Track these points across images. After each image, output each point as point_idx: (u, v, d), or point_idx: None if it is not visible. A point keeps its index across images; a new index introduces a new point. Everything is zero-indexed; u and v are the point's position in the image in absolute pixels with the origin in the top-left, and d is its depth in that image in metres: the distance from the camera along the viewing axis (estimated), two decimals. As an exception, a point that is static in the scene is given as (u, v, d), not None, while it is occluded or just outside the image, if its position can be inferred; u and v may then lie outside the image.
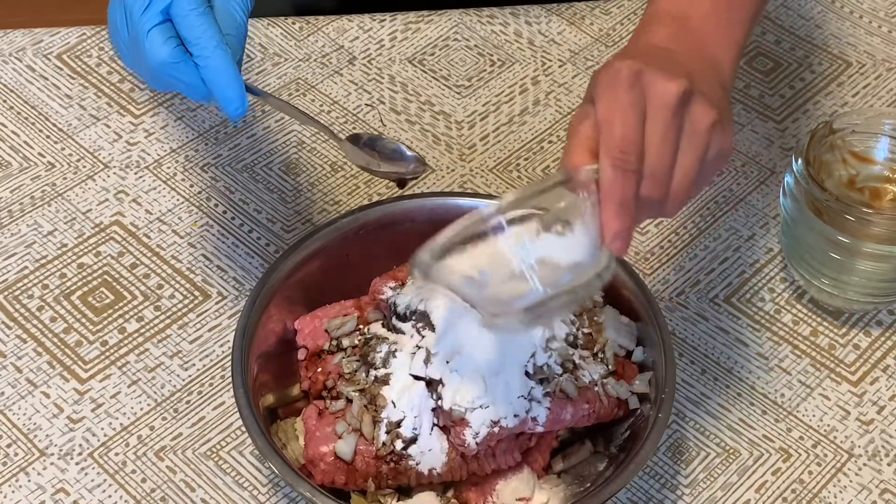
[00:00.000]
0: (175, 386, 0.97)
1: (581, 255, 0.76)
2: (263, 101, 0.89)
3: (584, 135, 0.76)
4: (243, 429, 0.91)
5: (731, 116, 0.81)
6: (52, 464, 0.92)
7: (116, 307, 1.02)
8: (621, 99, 0.76)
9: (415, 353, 0.86)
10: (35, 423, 0.94)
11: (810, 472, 0.93)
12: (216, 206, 1.09)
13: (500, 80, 1.21)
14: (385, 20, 1.26)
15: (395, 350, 0.87)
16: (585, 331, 0.89)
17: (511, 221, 0.76)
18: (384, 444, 0.84)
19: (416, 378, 0.85)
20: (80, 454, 0.93)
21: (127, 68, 0.86)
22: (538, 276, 0.75)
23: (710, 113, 0.76)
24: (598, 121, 0.76)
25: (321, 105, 1.17)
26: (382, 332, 0.89)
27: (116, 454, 0.93)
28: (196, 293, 1.03)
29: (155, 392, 0.96)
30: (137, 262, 1.05)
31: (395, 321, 0.89)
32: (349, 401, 0.86)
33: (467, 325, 0.84)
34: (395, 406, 0.84)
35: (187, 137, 1.14)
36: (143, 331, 1.00)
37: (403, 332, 0.87)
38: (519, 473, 0.87)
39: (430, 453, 0.84)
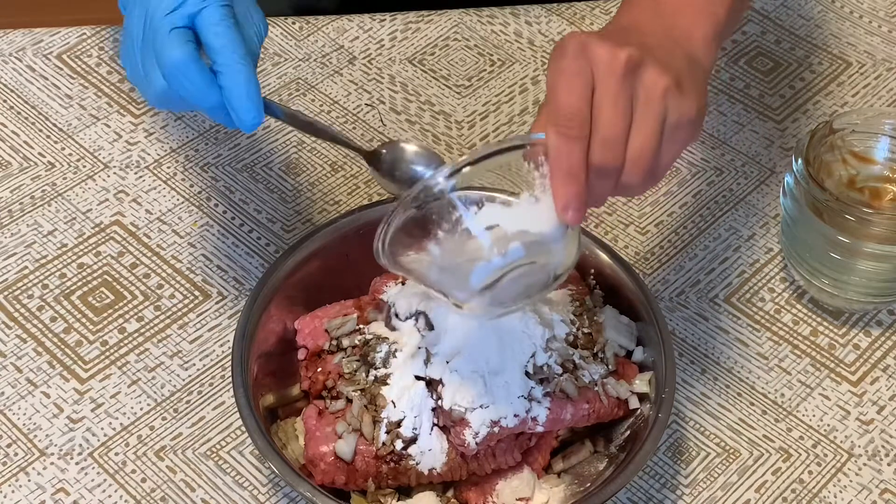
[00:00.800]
0: (175, 386, 0.97)
1: (536, 228, 0.76)
2: (284, 121, 0.86)
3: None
4: (243, 429, 0.91)
5: (699, 87, 0.79)
6: (52, 464, 0.92)
7: (116, 307, 1.02)
8: (565, 68, 0.75)
9: (415, 354, 0.86)
10: (35, 423, 0.94)
11: (810, 472, 0.93)
12: (216, 206, 1.09)
13: (500, 80, 1.21)
14: (385, 20, 1.26)
15: (395, 350, 0.87)
16: (585, 331, 0.89)
17: (462, 188, 0.76)
18: (384, 444, 0.84)
19: (417, 378, 0.85)
20: (80, 454, 0.93)
21: (132, 83, 0.84)
22: (491, 246, 0.75)
23: (663, 77, 0.75)
24: (547, 92, 0.76)
25: (321, 105, 1.17)
26: (382, 332, 0.89)
27: (116, 454, 0.93)
28: (196, 293, 1.03)
29: (155, 392, 0.96)
30: (137, 261, 1.05)
31: (395, 321, 0.89)
32: (349, 401, 0.86)
33: (467, 326, 0.85)
34: (395, 406, 0.84)
35: (187, 137, 1.14)
36: (143, 331, 1.00)
37: (403, 332, 0.88)
38: (519, 473, 0.87)
39: (430, 453, 0.84)
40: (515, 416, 0.83)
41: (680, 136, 0.77)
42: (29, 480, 0.91)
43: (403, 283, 0.91)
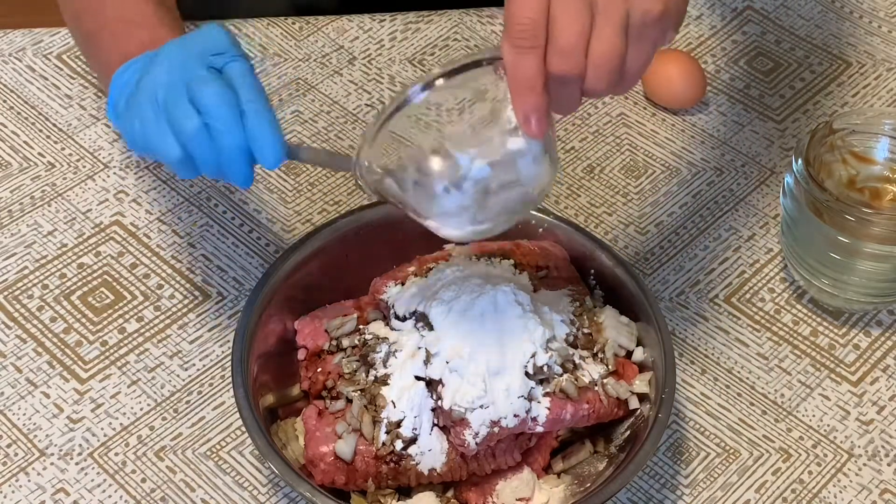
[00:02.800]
0: (175, 386, 0.97)
1: (505, 145, 0.76)
2: (301, 159, 0.86)
3: None
4: (243, 429, 0.91)
5: None
6: (52, 464, 0.92)
7: (116, 307, 1.02)
8: None
9: (415, 354, 0.86)
10: (35, 423, 0.94)
11: (810, 473, 0.93)
12: (216, 206, 1.09)
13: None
14: (385, 20, 1.26)
15: (395, 350, 0.87)
16: (585, 331, 0.89)
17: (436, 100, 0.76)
18: (384, 444, 0.84)
19: (417, 378, 0.85)
20: (80, 454, 0.93)
21: (139, 146, 0.83)
22: (457, 165, 0.76)
23: None
24: (505, 9, 0.75)
25: (321, 105, 1.17)
26: (382, 332, 0.89)
27: (116, 454, 0.93)
28: (196, 293, 1.03)
29: (155, 392, 0.96)
30: (137, 262, 1.05)
31: (394, 321, 0.89)
32: (349, 401, 0.86)
33: (467, 326, 0.85)
34: (394, 406, 0.84)
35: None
36: (143, 331, 1.00)
37: (403, 333, 0.88)
38: (519, 473, 0.87)
39: (430, 453, 0.84)
40: (515, 416, 0.83)
41: (648, 35, 0.75)
42: (29, 480, 0.91)
43: (403, 284, 0.91)
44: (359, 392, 0.86)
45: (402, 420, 0.84)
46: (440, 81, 0.76)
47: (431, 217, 0.80)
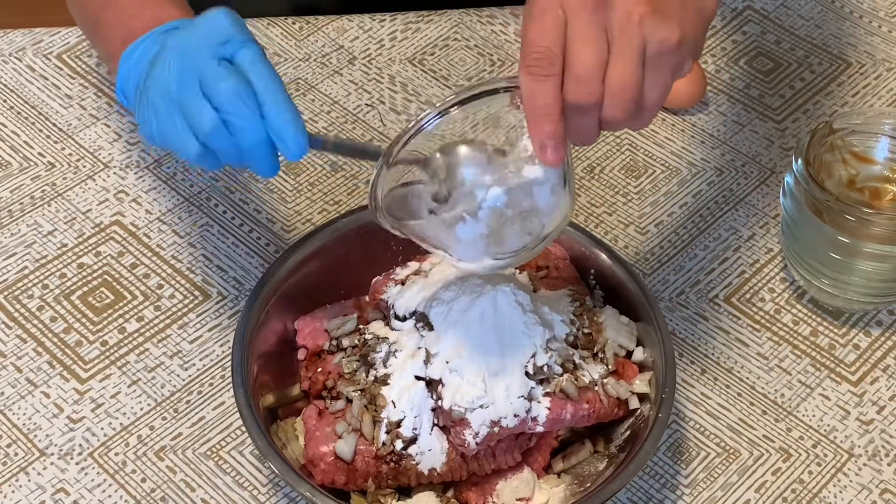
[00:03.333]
0: (175, 386, 0.97)
1: (522, 174, 0.76)
2: (319, 147, 0.85)
3: None
4: (243, 429, 0.91)
5: (684, 11, 0.76)
6: (52, 464, 0.92)
7: (116, 307, 1.02)
8: (536, 7, 0.74)
9: (415, 354, 0.86)
10: (35, 423, 0.94)
11: (810, 472, 0.93)
12: (216, 206, 1.09)
13: (500, 80, 1.21)
14: (385, 20, 1.26)
15: (395, 350, 0.87)
16: (585, 331, 0.89)
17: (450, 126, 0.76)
18: (384, 444, 0.84)
19: (417, 378, 0.85)
20: (80, 454, 0.93)
21: (157, 141, 0.83)
22: (473, 193, 0.76)
23: (638, 7, 0.73)
24: (521, 35, 0.75)
25: (321, 105, 1.17)
26: (382, 332, 0.89)
27: (116, 454, 0.93)
28: (196, 293, 1.03)
29: (155, 392, 0.96)
30: (137, 262, 1.05)
31: (394, 321, 0.89)
32: (349, 401, 0.86)
33: (467, 326, 0.85)
34: (395, 406, 0.84)
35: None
36: (143, 331, 1.00)
37: (403, 333, 0.88)
38: (519, 473, 0.87)
39: (430, 453, 0.84)
40: (515, 416, 0.83)
41: (665, 64, 0.75)
42: (29, 480, 0.91)
43: (403, 284, 0.91)
44: (359, 392, 0.86)
45: (402, 420, 0.84)
46: (455, 109, 0.75)
47: (449, 248, 0.79)
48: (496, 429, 0.83)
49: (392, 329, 0.89)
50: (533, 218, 0.78)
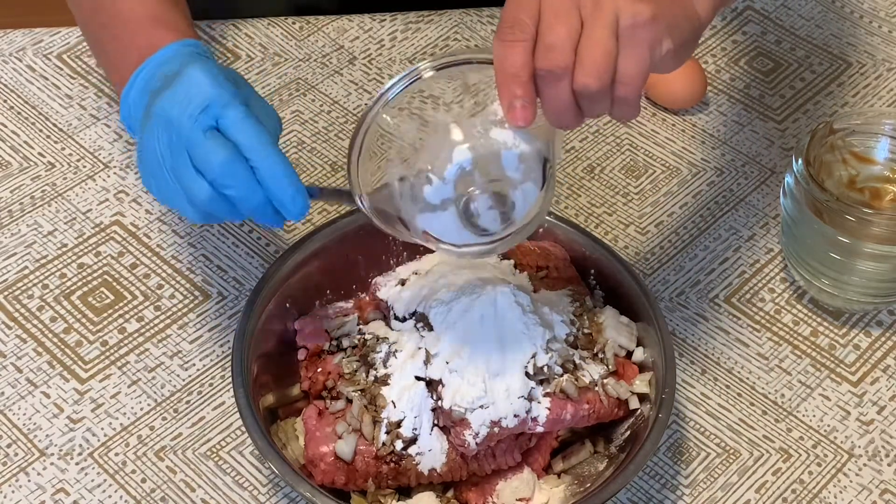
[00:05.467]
0: (175, 386, 0.97)
1: (490, 129, 0.77)
2: (320, 198, 0.86)
3: None
4: (243, 429, 0.91)
5: None
6: (52, 464, 0.92)
7: (116, 307, 1.01)
8: None
9: (415, 354, 0.86)
10: (35, 423, 0.94)
11: (810, 473, 0.93)
12: (216, 206, 1.09)
13: (500, 80, 1.21)
14: (385, 20, 1.26)
15: (395, 350, 0.87)
16: (586, 331, 0.89)
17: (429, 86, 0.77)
18: (384, 444, 0.84)
19: (417, 378, 0.85)
20: (80, 454, 0.93)
21: (160, 202, 0.85)
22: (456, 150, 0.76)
23: None
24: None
25: (321, 105, 1.17)
26: (382, 332, 0.89)
27: (116, 454, 0.93)
28: (196, 293, 1.03)
29: (155, 392, 0.96)
30: (137, 262, 1.05)
31: (394, 322, 0.89)
32: (349, 401, 0.86)
33: (467, 326, 0.84)
34: (395, 406, 0.84)
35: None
36: (143, 331, 1.00)
37: (403, 333, 0.88)
38: (519, 473, 0.87)
39: (430, 453, 0.84)
40: (515, 416, 0.83)
41: (639, 38, 0.75)
42: (29, 480, 0.91)
43: (403, 284, 0.91)
44: (359, 392, 0.86)
45: (402, 420, 0.84)
46: (427, 73, 0.76)
47: (422, 219, 0.79)
48: (496, 429, 0.83)
49: (392, 329, 0.89)
50: (505, 189, 0.78)
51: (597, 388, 0.87)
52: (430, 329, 0.86)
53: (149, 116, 0.82)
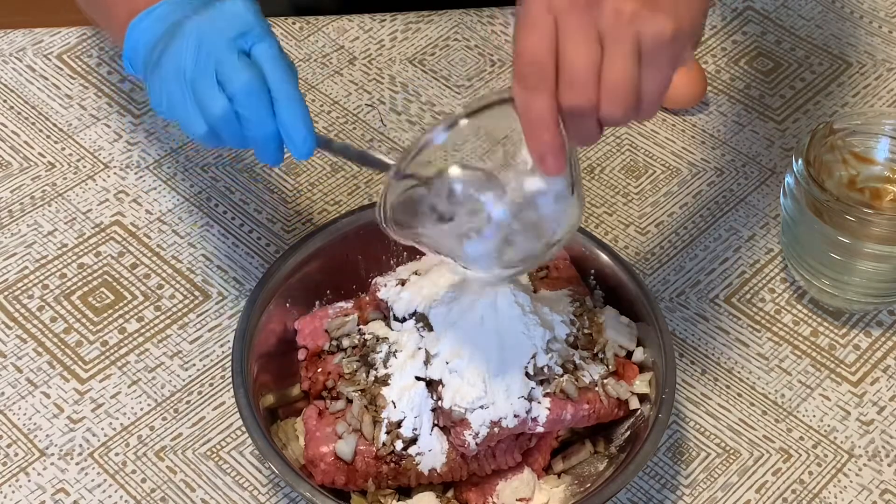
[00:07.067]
0: (175, 386, 0.97)
1: (525, 188, 0.76)
2: (326, 148, 0.85)
3: None
4: (243, 429, 0.91)
5: (686, 2, 0.74)
6: (52, 464, 0.92)
7: (116, 307, 1.01)
8: (526, 15, 0.73)
9: (415, 354, 0.86)
10: (35, 423, 0.94)
11: (811, 473, 0.93)
12: (216, 206, 1.09)
13: (500, 80, 1.21)
14: (385, 20, 1.26)
15: (395, 350, 0.87)
16: (586, 331, 0.89)
17: (460, 141, 0.76)
18: (384, 444, 0.84)
19: (417, 378, 0.85)
20: (80, 454, 0.93)
21: (167, 115, 0.84)
22: (493, 198, 0.76)
23: (627, 3, 0.72)
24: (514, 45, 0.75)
25: (321, 105, 1.17)
26: (382, 332, 0.89)
27: (116, 454, 0.93)
28: (196, 293, 1.03)
29: (155, 392, 0.96)
30: (138, 262, 1.05)
31: (394, 322, 0.89)
32: (349, 401, 0.86)
33: (467, 327, 0.85)
34: (395, 406, 0.84)
35: (188, 138, 1.14)
36: (143, 331, 1.00)
37: (403, 333, 0.87)
38: (519, 474, 0.87)
39: (431, 453, 0.84)
40: (515, 416, 0.83)
41: (662, 57, 0.73)
42: (29, 481, 0.91)
43: (403, 284, 0.91)
44: (359, 392, 0.86)
45: (402, 420, 0.84)
46: (463, 121, 0.75)
47: (458, 258, 0.79)
48: (496, 429, 0.83)
49: (392, 329, 0.89)
50: (541, 227, 0.78)
51: (597, 389, 0.87)
52: (430, 329, 0.86)
53: (179, 35, 0.82)
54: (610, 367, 0.88)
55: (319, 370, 0.89)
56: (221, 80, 0.80)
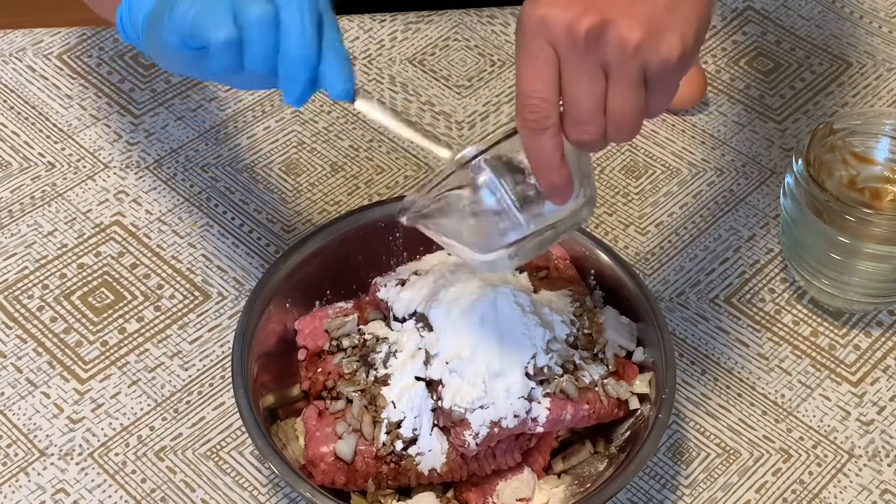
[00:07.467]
0: (175, 386, 0.97)
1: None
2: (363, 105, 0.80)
3: None
4: (243, 429, 0.91)
5: (683, 14, 0.72)
6: (52, 464, 0.92)
7: (116, 307, 1.01)
8: (526, 49, 0.72)
9: (415, 354, 0.86)
10: (35, 424, 0.94)
11: (811, 473, 0.93)
12: (216, 206, 1.09)
13: (500, 80, 1.21)
14: (385, 20, 1.26)
15: (395, 351, 0.87)
16: (586, 331, 0.89)
17: (488, 162, 0.76)
18: (384, 444, 0.84)
19: (417, 379, 0.85)
20: (80, 454, 0.93)
21: (190, 26, 0.75)
22: (521, 213, 0.76)
23: (633, 34, 0.70)
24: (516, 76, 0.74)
25: (321, 105, 1.17)
26: (382, 332, 0.89)
27: (116, 454, 0.93)
28: (196, 293, 1.03)
29: (155, 392, 0.96)
30: (137, 262, 1.05)
31: (394, 322, 0.89)
32: (349, 401, 0.86)
33: (467, 327, 0.84)
34: (395, 406, 0.84)
35: (187, 138, 1.14)
36: (143, 331, 1.00)
37: (403, 333, 0.87)
38: (519, 474, 0.87)
39: (430, 454, 0.84)
40: (515, 416, 0.83)
41: (669, 80, 0.73)
42: (29, 481, 0.91)
43: (403, 284, 0.91)
44: (359, 392, 0.86)
45: (402, 420, 0.84)
46: (482, 157, 0.75)
47: (472, 249, 0.79)
48: (496, 429, 0.83)
49: (392, 329, 0.89)
50: (556, 227, 0.79)
51: (597, 389, 0.87)
52: (430, 329, 0.86)
53: None
54: (610, 367, 0.88)
55: (319, 370, 0.89)
56: (236, 6, 0.73)
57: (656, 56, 0.71)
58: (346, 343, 0.90)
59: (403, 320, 0.88)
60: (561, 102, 0.73)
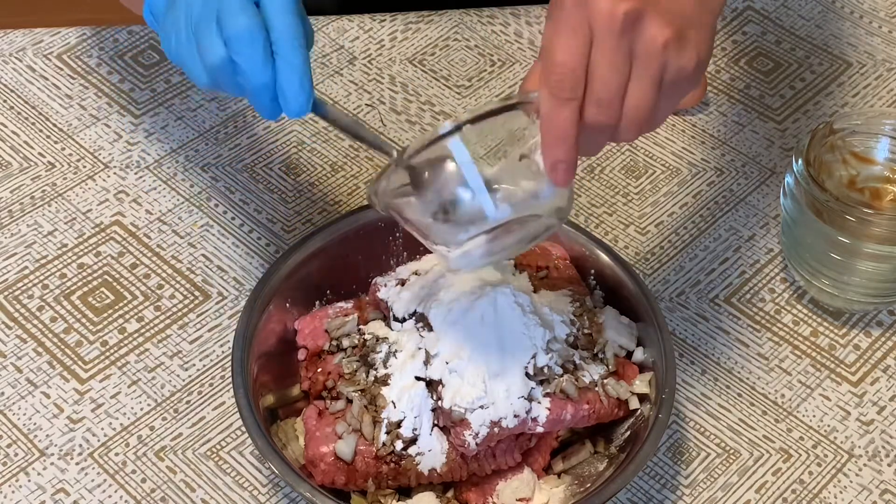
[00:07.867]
0: (175, 386, 0.97)
1: (527, 186, 0.76)
2: (325, 117, 0.83)
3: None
4: (243, 429, 0.91)
5: (704, 33, 0.76)
6: (52, 464, 0.92)
7: (116, 307, 1.01)
8: (563, 22, 0.73)
9: (415, 354, 0.86)
10: (35, 423, 0.94)
11: (811, 473, 0.93)
12: (216, 206, 1.09)
13: (500, 80, 1.21)
14: (385, 20, 1.26)
15: (395, 350, 0.87)
16: (586, 331, 0.89)
17: (465, 142, 0.75)
18: (384, 444, 0.84)
19: (417, 378, 0.85)
20: (80, 454, 0.93)
21: (174, 60, 0.83)
22: (492, 197, 0.75)
23: (663, 31, 0.72)
24: (542, 46, 0.74)
25: (321, 105, 1.17)
26: (382, 332, 0.89)
27: (116, 454, 0.93)
28: (196, 293, 1.03)
29: (155, 392, 0.96)
30: (137, 262, 1.05)
31: (394, 322, 0.89)
32: (349, 401, 0.86)
33: (467, 327, 0.84)
34: (395, 406, 0.84)
35: (187, 137, 1.14)
36: (143, 331, 1.00)
37: (403, 333, 0.87)
38: (519, 474, 0.87)
39: (430, 453, 0.84)
40: (515, 416, 0.83)
41: (680, 89, 0.75)
42: (29, 481, 0.91)
43: (403, 284, 0.91)
44: (359, 392, 0.86)
45: (402, 420, 0.84)
46: (468, 126, 0.75)
47: (445, 246, 0.79)
48: (496, 429, 0.83)
49: (392, 329, 0.89)
50: (533, 221, 0.78)
51: (597, 389, 0.87)
52: (430, 329, 0.86)
53: None
54: (610, 367, 0.88)
55: (319, 370, 0.89)
56: (220, 23, 0.77)
57: (676, 61, 0.73)
58: (346, 343, 0.90)
59: (403, 320, 0.88)
60: None
